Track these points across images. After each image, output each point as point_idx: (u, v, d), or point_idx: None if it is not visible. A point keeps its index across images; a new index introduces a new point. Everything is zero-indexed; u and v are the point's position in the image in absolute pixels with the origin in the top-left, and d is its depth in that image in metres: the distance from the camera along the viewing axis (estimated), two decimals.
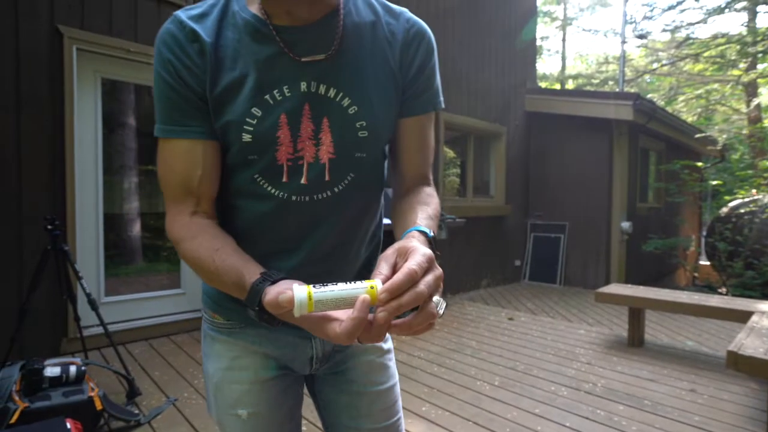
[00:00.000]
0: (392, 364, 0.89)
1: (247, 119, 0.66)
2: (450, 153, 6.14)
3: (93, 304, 2.49)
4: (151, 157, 3.71)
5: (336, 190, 0.72)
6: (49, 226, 2.46)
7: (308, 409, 1.09)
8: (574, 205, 6.56)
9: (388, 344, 0.89)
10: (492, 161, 6.60)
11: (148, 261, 3.68)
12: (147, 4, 3.37)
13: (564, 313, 4.87)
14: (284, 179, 0.69)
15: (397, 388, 0.88)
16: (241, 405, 0.79)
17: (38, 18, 2.92)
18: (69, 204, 3.05)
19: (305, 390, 0.92)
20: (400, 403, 0.88)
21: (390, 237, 0.69)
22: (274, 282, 0.56)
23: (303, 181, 0.70)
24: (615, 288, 3.70)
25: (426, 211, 0.70)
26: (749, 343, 2.21)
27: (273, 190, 0.70)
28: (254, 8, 0.68)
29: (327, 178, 0.71)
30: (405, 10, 0.78)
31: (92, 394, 2.07)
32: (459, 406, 2.43)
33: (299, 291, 0.47)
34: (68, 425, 1.78)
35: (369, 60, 0.71)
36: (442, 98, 0.81)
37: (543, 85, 18.00)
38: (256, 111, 0.66)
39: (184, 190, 0.68)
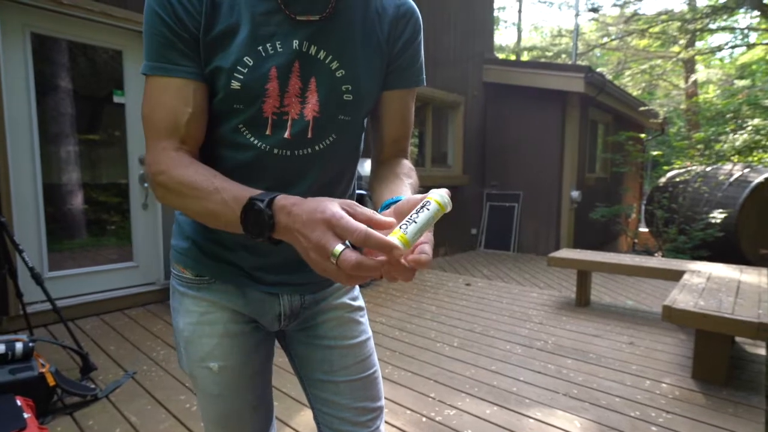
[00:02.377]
0: (364, 320, 0.91)
1: (238, 67, 0.67)
2: None
3: (37, 278, 2.34)
4: (93, 124, 3.46)
5: (317, 148, 0.74)
6: None
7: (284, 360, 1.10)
8: (527, 175, 6.79)
9: (359, 302, 0.91)
10: (450, 131, 6.67)
11: (94, 234, 3.48)
12: None
13: (517, 278, 5.12)
14: (267, 132, 0.70)
15: (371, 343, 0.90)
16: (211, 358, 0.80)
17: None
18: (2, 174, 2.81)
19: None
20: (375, 357, 0.90)
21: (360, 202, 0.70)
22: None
23: (286, 135, 0.71)
24: (565, 253, 3.92)
25: (410, 185, 0.73)
26: (681, 298, 2.43)
27: (256, 141, 0.71)
28: None
29: (309, 135, 0.72)
30: None
31: (43, 370, 1.97)
32: (420, 367, 2.53)
33: (399, 240, 0.48)
34: (18, 402, 1.71)
35: (359, 28, 0.73)
36: (424, 76, 0.84)
37: (500, 56, 18.18)
38: (248, 60, 0.67)
39: (171, 128, 0.67)
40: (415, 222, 0.50)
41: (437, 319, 3.39)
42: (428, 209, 0.52)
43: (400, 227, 0.50)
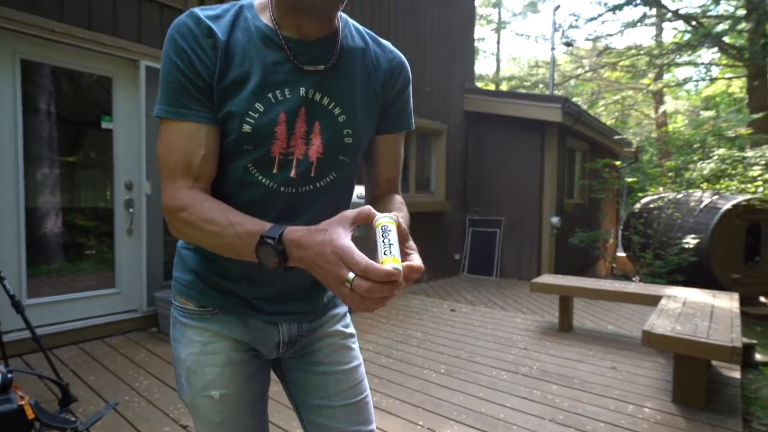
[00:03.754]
0: (356, 347, 0.96)
1: (250, 112, 0.72)
2: None
3: (18, 307, 2.29)
4: (79, 148, 3.45)
5: (318, 185, 0.80)
6: None
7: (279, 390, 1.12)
8: (509, 201, 6.95)
9: (350, 329, 0.97)
10: (433, 158, 6.81)
11: (74, 260, 3.42)
12: None
13: (501, 303, 5.18)
14: (275, 171, 0.76)
15: (362, 369, 0.95)
16: (213, 387, 0.83)
17: None
18: None
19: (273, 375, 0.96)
20: (366, 382, 0.95)
21: None
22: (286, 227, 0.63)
23: (292, 174, 0.77)
24: (547, 278, 4.01)
25: (403, 217, 0.81)
26: (659, 323, 2.52)
27: (263, 180, 0.76)
28: (265, 18, 0.76)
29: (313, 174, 0.78)
30: (389, 43, 0.88)
31: (22, 403, 1.91)
32: (408, 394, 2.53)
33: (393, 264, 0.55)
34: None
35: (358, 78, 0.81)
36: (413, 120, 0.92)
37: (480, 85, 18.76)
38: (259, 106, 0.73)
39: (184, 168, 0.72)
40: (392, 244, 0.58)
41: (423, 345, 3.40)
42: (390, 230, 0.59)
43: (385, 253, 0.56)
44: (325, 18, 0.75)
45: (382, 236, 0.58)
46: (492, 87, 19.50)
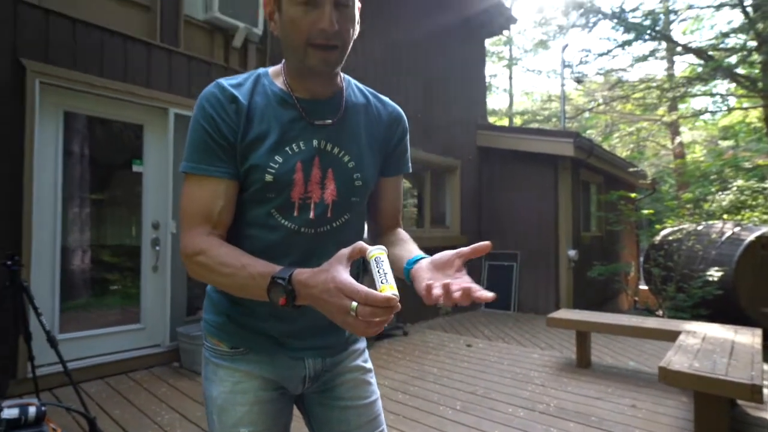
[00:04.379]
0: (374, 381, 1.04)
1: (271, 164, 0.84)
2: (406, 182, 6.40)
3: (53, 342, 2.42)
4: (111, 190, 3.67)
5: (335, 225, 0.91)
6: (9, 262, 2.40)
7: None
8: (524, 235, 6.96)
9: (369, 364, 1.05)
10: (447, 193, 6.92)
11: (100, 295, 3.57)
12: (112, 41, 3.42)
13: (518, 338, 5.13)
14: (295, 213, 0.87)
15: (380, 403, 1.02)
16: (242, 424, 0.90)
17: (1, 51, 2.90)
18: (26, 237, 2.96)
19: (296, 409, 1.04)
20: (383, 415, 1.01)
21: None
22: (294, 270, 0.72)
23: (311, 216, 0.88)
24: (564, 313, 3.99)
25: (414, 244, 0.93)
26: (677, 359, 2.50)
27: (285, 222, 0.87)
28: (279, 83, 0.89)
29: (329, 215, 0.89)
30: (387, 98, 1.02)
31: None
32: (424, 431, 2.54)
33: (390, 291, 0.64)
34: None
35: (363, 129, 0.94)
36: (410, 164, 1.05)
37: (492, 119, 19.03)
38: (278, 158, 0.84)
39: (204, 217, 0.83)
40: (386, 273, 0.66)
41: (440, 381, 3.40)
42: (383, 260, 0.68)
43: (382, 282, 0.66)
44: (327, 78, 0.88)
45: (377, 267, 0.67)
46: (505, 121, 19.78)
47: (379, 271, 0.67)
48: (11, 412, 2.02)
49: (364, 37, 5.35)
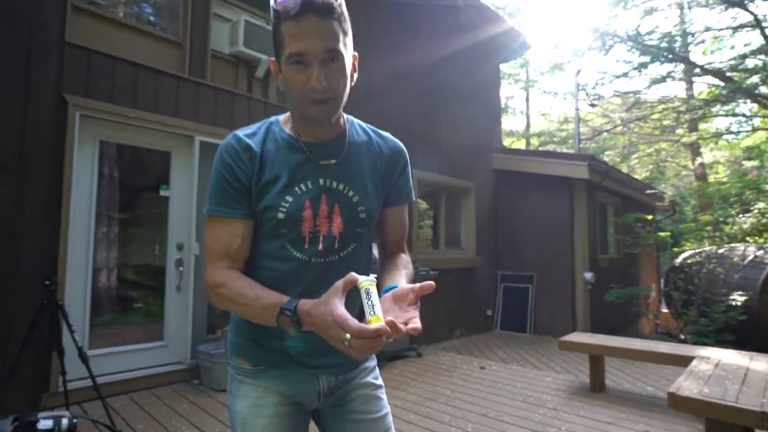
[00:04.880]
0: (384, 396, 1.13)
1: (282, 203, 0.96)
2: (423, 204, 6.51)
3: (84, 358, 2.58)
4: (139, 213, 3.89)
5: (342, 254, 1.02)
6: (47, 282, 2.58)
7: None
8: (540, 257, 6.96)
9: (379, 381, 1.15)
10: (463, 215, 7.01)
11: (126, 313, 3.75)
12: (146, 75, 3.68)
13: (533, 361, 5.10)
14: (306, 246, 0.99)
15: (390, 417, 1.11)
16: None
17: (47, 87, 3.17)
18: (61, 258, 3.17)
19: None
20: (393, 429, 1.11)
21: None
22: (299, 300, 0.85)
23: (320, 247, 0.99)
24: (576, 336, 3.99)
25: (405, 274, 1.02)
26: (687, 385, 2.50)
27: (297, 254, 0.99)
28: (287, 129, 1.02)
29: (336, 246, 1.01)
30: (388, 134, 1.13)
31: None
32: None
33: (378, 323, 0.74)
34: None
35: (365, 165, 1.06)
36: (413, 193, 1.17)
37: (509, 141, 19.13)
38: (289, 198, 0.97)
39: (224, 253, 0.96)
40: (374, 305, 0.77)
41: (452, 403, 3.44)
42: (371, 291, 0.77)
43: (370, 314, 0.76)
44: (327, 123, 0.99)
45: (366, 298, 0.78)
46: (522, 142, 19.83)
47: (368, 303, 0.77)
48: (46, 424, 2.17)
49: (380, 61, 5.58)
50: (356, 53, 0.98)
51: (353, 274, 0.82)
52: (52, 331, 2.64)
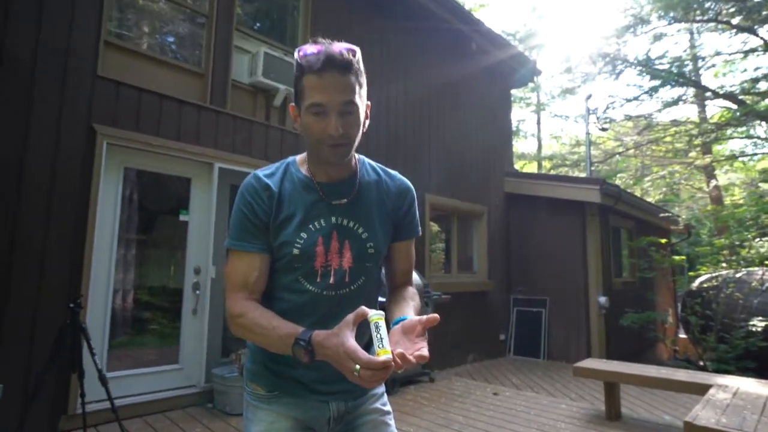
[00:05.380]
0: (392, 423, 1.18)
1: (297, 240, 1.04)
2: (435, 227, 6.55)
3: (104, 381, 2.65)
4: (154, 235, 4.00)
5: (352, 287, 1.09)
6: (72, 304, 2.68)
7: None
8: (553, 281, 6.91)
9: (387, 407, 1.19)
10: (475, 238, 7.02)
11: (142, 335, 3.82)
12: (169, 104, 3.85)
13: (547, 387, 5.03)
14: (318, 279, 1.06)
15: None
16: None
17: (78, 117, 3.34)
18: (84, 280, 3.27)
19: None
20: None
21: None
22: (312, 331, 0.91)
23: (331, 281, 1.06)
24: (591, 363, 3.94)
25: (413, 306, 1.08)
26: (704, 414, 2.47)
27: (310, 287, 1.06)
28: (304, 169, 1.11)
29: (347, 279, 1.08)
30: (396, 172, 1.21)
31: None
32: None
33: (386, 355, 0.80)
34: None
35: (374, 204, 1.13)
36: (420, 228, 1.23)
37: (521, 163, 19.17)
38: (303, 235, 1.05)
39: (243, 284, 1.03)
40: (383, 338, 0.83)
41: (464, 430, 3.41)
42: (380, 325, 0.85)
43: (378, 347, 0.82)
44: (340, 165, 1.07)
45: (376, 332, 0.84)
46: (534, 165, 19.86)
47: (377, 336, 0.83)
48: None
49: (393, 83, 5.74)
50: (369, 102, 1.07)
51: (363, 308, 0.88)
52: (74, 353, 2.72)
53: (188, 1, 4.31)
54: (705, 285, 7.34)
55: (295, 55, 1.00)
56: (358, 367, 0.80)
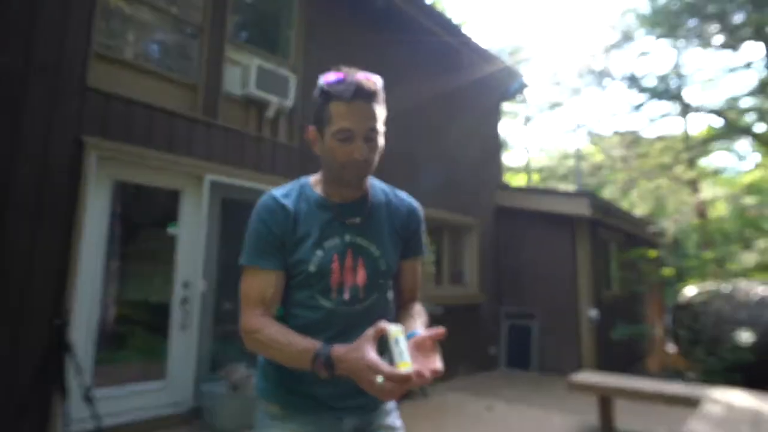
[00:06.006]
0: None
1: (313, 258, 1.06)
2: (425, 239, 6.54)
3: (90, 400, 2.57)
4: (142, 248, 3.93)
5: (366, 303, 1.11)
6: (58, 321, 2.60)
7: None
8: (543, 293, 6.93)
9: (399, 423, 1.20)
10: (466, 251, 7.03)
11: (129, 352, 3.72)
12: (161, 116, 3.82)
13: (540, 400, 5.00)
14: (333, 296, 1.07)
15: None
16: None
17: (67, 129, 3.29)
18: (68, 295, 3.18)
19: None
20: None
21: None
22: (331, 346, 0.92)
23: (346, 297, 1.08)
24: (586, 376, 3.94)
25: (420, 322, 1.11)
26: (699, 428, 2.47)
27: (325, 303, 1.07)
28: (318, 190, 1.13)
29: (361, 296, 1.10)
30: (404, 192, 1.24)
31: None
32: None
33: (406, 368, 0.81)
34: None
35: (385, 224, 1.16)
36: (426, 247, 1.26)
37: (510, 176, 19.35)
38: (320, 252, 1.07)
39: (259, 301, 1.04)
40: (403, 351, 0.85)
41: None
42: (400, 339, 0.87)
43: (398, 360, 0.84)
44: (356, 186, 1.11)
45: (396, 346, 0.85)
46: (523, 177, 20.05)
47: (397, 350, 0.85)
48: None
49: (386, 98, 5.75)
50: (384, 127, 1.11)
51: (383, 323, 0.90)
52: (60, 371, 2.64)
53: (180, 13, 4.31)
54: (694, 298, 7.42)
55: (320, 82, 1.05)
56: (380, 379, 0.81)
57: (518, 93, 9.00)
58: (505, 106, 18.96)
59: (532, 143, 21.54)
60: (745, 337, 6.08)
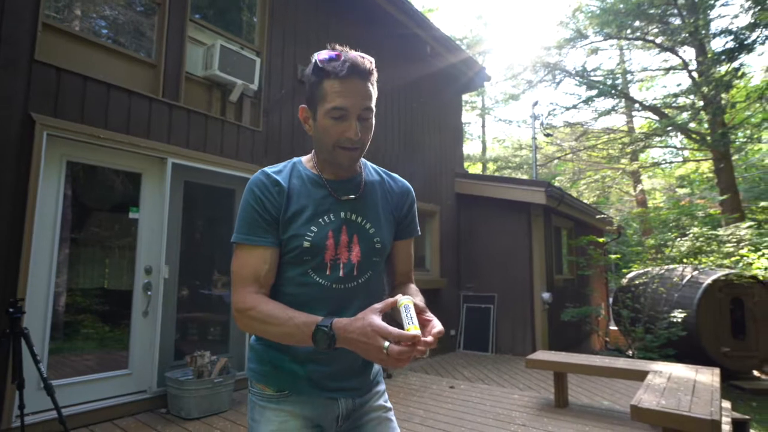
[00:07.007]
0: (394, 419, 1.21)
1: (308, 233, 1.05)
2: None
3: (49, 389, 2.46)
4: (102, 233, 3.75)
5: (360, 281, 1.11)
6: (11, 308, 2.46)
7: None
8: (500, 278, 7.24)
9: (389, 403, 1.23)
10: (428, 237, 7.20)
11: (88, 340, 3.56)
12: (118, 95, 3.62)
13: (497, 379, 5.27)
14: (328, 272, 1.07)
15: None
16: None
17: (13, 105, 3.06)
18: (22, 283, 3.00)
19: None
20: None
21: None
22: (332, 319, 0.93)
23: (341, 274, 1.08)
24: (542, 355, 4.19)
25: (419, 299, 1.10)
26: (646, 397, 2.72)
27: (319, 280, 1.07)
28: (310, 167, 1.13)
29: (355, 273, 1.10)
30: (397, 175, 1.26)
31: None
32: None
33: (415, 330, 0.85)
34: None
35: (379, 201, 1.17)
36: (419, 228, 1.29)
37: (467, 165, 19.83)
38: (314, 228, 1.06)
39: (253, 279, 1.03)
40: (412, 317, 0.88)
41: (426, 423, 3.50)
42: (410, 308, 0.91)
43: (408, 324, 0.87)
44: (349, 168, 1.12)
45: (405, 312, 0.89)
46: (479, 167, 20.62)
47: (406, 316, 0.88)
48: None
49: None
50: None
51: (394, 297, 0.93)
52: (14, 361, 2.50)
53: None
54: (635, 281, 8.01)
55: (313, 59, 1.02)
56: (387, 344, 0.82)
57: (480, 85, 9.20)
58: (464, 97, 19.33)
59: (488, 134, 22.10)
60: (678, 315, 6.66)
